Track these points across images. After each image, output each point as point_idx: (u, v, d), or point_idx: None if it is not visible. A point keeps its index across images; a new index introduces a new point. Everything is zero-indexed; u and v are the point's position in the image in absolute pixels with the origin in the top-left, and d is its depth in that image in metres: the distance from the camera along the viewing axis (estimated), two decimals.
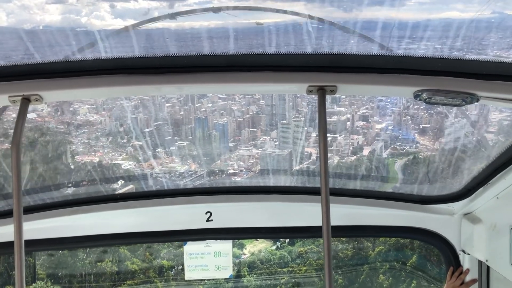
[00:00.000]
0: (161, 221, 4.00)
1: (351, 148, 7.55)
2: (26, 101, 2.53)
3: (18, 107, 2.54)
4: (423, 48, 2.65)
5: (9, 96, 2.51)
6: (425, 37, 2.61)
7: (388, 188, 4.37)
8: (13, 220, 2.54)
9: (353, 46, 2.62)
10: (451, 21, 2.57)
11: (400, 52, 2.61)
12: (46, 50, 2.63)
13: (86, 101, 5.56)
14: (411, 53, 2.59)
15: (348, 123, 7.09)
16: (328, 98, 4.26)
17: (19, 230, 2.54)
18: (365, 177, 4.49)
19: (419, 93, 2.58)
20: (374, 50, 2.62)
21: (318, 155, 2.68)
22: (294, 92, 3.54)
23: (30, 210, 3.78)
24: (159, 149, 5.37)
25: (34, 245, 3.87)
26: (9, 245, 3.61)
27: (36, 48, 2.56)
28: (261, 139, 7.74)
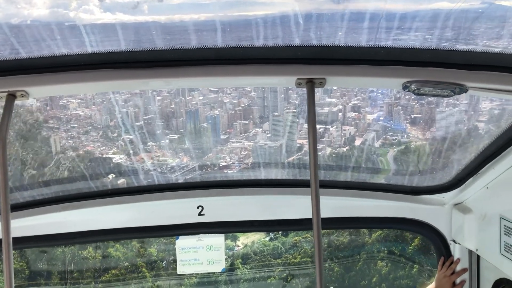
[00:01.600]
0: (152, 216, 3.98)
1: (342, 139, 7.57)
2: (11, 97, 2.50)
3: (3, 103, 2.51)
4: (412, 39, 2.64)
5: None
6: (413, 28, 2.59)
7: (379, 179, 4.38)
8: (0, 218, 2.52)
9: (341, 38, 2.61)
10: (439, 12, 2.56)
11: (389, 43, 2.60)
12: (32, 46, 2.59)
13: (75, 95, 5.51)
14: (399, 44, 2.58)
15: (340, 114, 7.10)
16: (320, 89, 4.26)
17: (7, 227, 2.52)
18: (356, 168, 4.50)
19: (408, 84, 2.58)
20: (363, 41, 2.61)
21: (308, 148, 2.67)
22: (283, 85, 3.53)
23: (20, 207, 3.75)
24: (150, 143, 5.34)
25: (24, 242, 3.85)
26: None
27: (21, 43, 2.52)
28: (253, 131, 7.74)
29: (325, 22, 2.53)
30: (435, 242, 4.11)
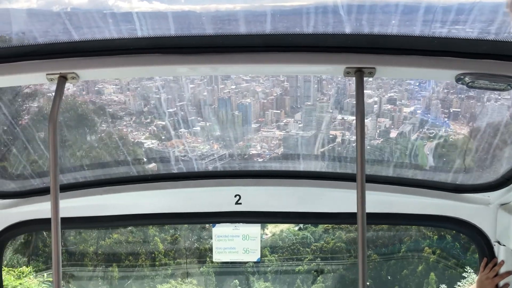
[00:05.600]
0: (190, 203, 4.01)
1: (379, 132, 7.44)
2: (63, 79, 2.55)
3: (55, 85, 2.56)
4: (468, 30, 2.54)
5: (47, 74, 2.53)
6: (469, 20, 2.50)
7: (422, 175, 4.27)
8: (49, 198, 2.57)
9: (394, 26, 2.53)
10: (498, 4, 2.46)
11: (443, 33, 2.51)
12: (84, 29, 2.63)
13: (111, 81, 5.58)
14: (454, 34, 2.49)
15: (376, 106, 6.97)
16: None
17: (55, 208, 2.57)
18: (398, 164, 4.40)
19: (461, 77, 2.49)
20: (416, 31, 2.53)
21: (355, 139, 2.62)
22: (331, 74, 3.45)
23: (64, 188, 3.83)
24: (189, 129, 5.37)
25: (67, 223, 3.93)
26: (43, 222, 3.69)
27: (74, 26, 2.56)
28: (284, 121, 7.71)
29: (378, 11, 2.47)
30: (478, 243, 3.98)
